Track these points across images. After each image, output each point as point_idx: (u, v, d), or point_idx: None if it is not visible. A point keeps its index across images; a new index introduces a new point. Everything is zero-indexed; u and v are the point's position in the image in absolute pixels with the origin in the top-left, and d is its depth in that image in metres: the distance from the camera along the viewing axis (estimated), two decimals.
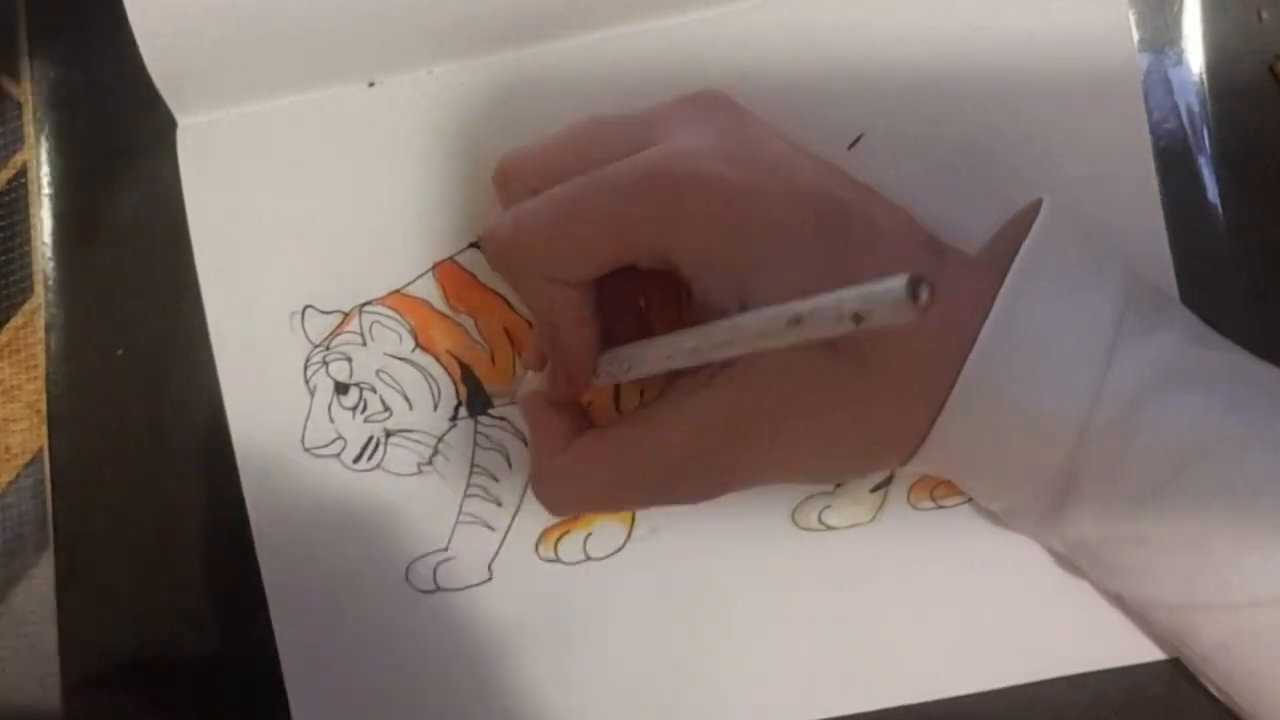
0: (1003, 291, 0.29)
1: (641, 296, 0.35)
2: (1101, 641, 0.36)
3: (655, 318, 0.35)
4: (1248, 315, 0.36)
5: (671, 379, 0.32)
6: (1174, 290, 0.36)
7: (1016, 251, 0.30)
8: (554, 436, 0.33)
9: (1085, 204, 0.36)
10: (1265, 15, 0.37)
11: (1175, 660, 0.35)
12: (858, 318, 0.24)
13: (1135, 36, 0.36)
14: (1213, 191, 0.36)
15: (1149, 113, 0.36)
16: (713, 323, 0.28)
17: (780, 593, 0.37)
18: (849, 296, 0.24)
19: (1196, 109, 0.37)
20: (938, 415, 0.30)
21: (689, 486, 0.31)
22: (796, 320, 0.25)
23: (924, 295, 0.23)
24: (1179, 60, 0.37)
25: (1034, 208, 0.31)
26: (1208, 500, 0.29)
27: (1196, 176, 0.36)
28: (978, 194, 0.36)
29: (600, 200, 0.29)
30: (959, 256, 0.32)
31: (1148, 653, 0.36)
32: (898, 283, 0.23)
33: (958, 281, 0.30)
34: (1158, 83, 0.36)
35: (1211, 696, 0.34)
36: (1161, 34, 0.37)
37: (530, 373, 0.35)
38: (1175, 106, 0.37)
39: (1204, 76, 0.37)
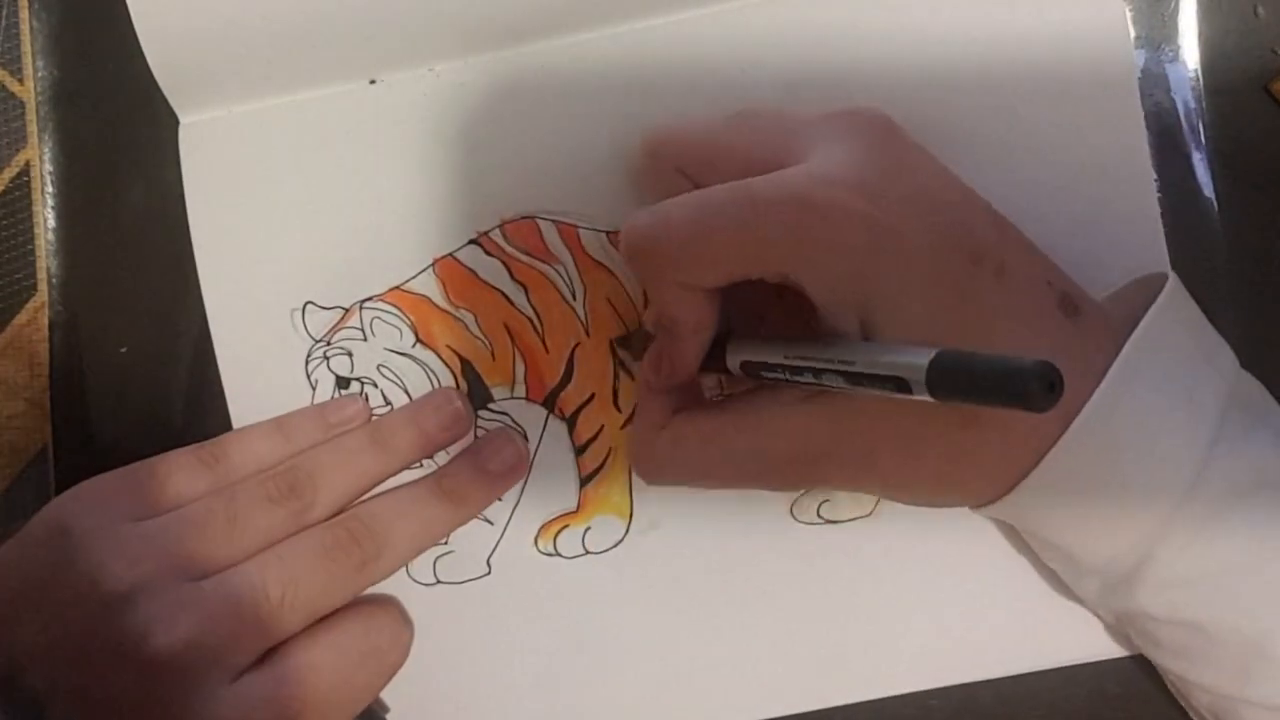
0: (1115, 367, 0.29)
1: (766, 305, 0.34)
2: (1099, 634, 0.36)
3: (778, 327, 0.35)
4: (1242, 310, 0.36)
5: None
6: None
7: (1135, 320, 0.30)
8: (655, 410, 0.34)
9: (1082, 200, 0.36)
10: (1261, 11, 0.37)
11: None
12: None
13: (1131, 33, 0.36)
14: (1208, 187, 0.37)
15: (1145, 109, 0.36)
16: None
17: (779, 586, 0.37)
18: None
19: (1192, 105, 0.37)
20: (1023, 478, 0.30)
21: (781, 481, 0.32)
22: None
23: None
24: (1175, 56, 0.37)
25: (1159, 277, 0.32)
26: (1276, 604, 0.30)
27: (1192, 172, 0.37)
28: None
29: (738, 218, 0.29)
30: (1092, 312, 0.31)
31: None
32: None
33: (1080, 345, 0.30)
34: (1154, 79, 0.37)
35: None
36: (1158, 30, 0.37)
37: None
38: (1171, 102, 0.37)
39: (1200, 73, 0.37)
